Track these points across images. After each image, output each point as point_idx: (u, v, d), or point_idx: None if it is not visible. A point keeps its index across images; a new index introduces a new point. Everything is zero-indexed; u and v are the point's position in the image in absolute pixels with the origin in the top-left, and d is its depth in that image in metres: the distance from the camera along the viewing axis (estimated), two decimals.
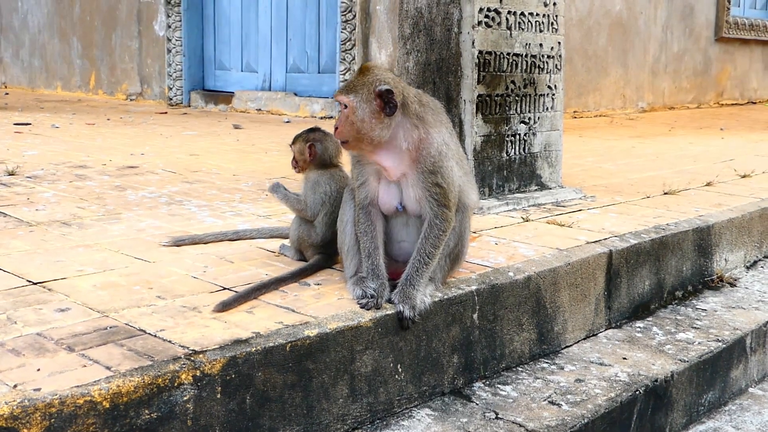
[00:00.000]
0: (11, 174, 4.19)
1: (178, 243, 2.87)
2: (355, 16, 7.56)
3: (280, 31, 8.59)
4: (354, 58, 7.58)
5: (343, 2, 7.62)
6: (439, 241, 2.33)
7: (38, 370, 1.78)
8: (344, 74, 7.62)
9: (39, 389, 1.68)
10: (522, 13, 3.82)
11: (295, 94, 8.33)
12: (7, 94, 10.62)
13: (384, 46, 7.49)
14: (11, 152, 5.09)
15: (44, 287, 2.36)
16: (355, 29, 7.57)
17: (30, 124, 6.91)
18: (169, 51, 9.26)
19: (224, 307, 2.20)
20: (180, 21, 9.15)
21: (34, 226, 3.09)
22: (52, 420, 1.65)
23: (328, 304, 2.27)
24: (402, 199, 2.37)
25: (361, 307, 2.24)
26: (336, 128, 2.30)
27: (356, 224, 2.40)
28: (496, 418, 2.29)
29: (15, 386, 1.69)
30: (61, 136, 6.08)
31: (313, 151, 2.70)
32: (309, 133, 2.75)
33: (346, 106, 2.27)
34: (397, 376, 2.28)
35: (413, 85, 3.77)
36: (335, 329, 2.12)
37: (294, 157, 2.76)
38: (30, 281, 2.41)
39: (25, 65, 11.56)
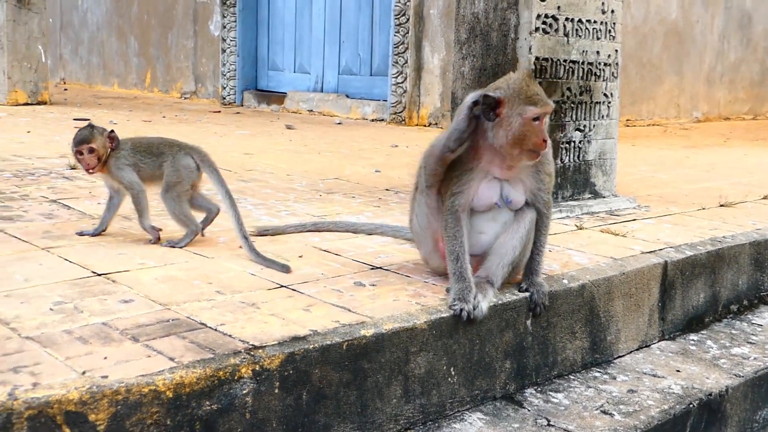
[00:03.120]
0: (73, 168, 4.29)
1: (262, 233, 3.04)
2: (408, 19, 7.59)
3: (333, 33, 8.65)
4: (406, 62, 7.61)
5: (396, 5, 7.65)
6: (548, 228, 2.56)
7: (105, 358, 1.83)
8: (396, 77, 7.65)
9: (106, 376, 1.73)
10: (579, 20, 3.82)
11: (347, 96, 8.38)
12: (66, 89, 10.84)
13: (437, 50, 7.51)
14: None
15: (108, 279, 2.42)
16: (408, 33, 7.60)
17: (89, 119, 7.04)
18: (224, 51, 9.38)
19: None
20: (235, 21, 9.26)
21: (96, 219, 3.16)
22: (119, 407, 1.70)
23: (383, 305, 2.30)
24: (505, 194, 2.47)
25: (450, 309, 2.30)
26: (545, 140, 2.37)
27: (444, 228, 2.46)
28: (548, 425, 2.29)
29: (83, 373, 1.75)
30: (119, 133, 6.18)
31: (114, 137, 2.89)
32: (95, 128, 2.89)
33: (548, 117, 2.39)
34: (450, 379, 2.30)
35: (468, 89, 3.78)
36: (391, 330, 2.15)
37: (95, 155, 2.84)
38: (94, 272, 2.47)
39: (83, 62, 11.79)
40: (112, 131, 2.89)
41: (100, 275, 2.45)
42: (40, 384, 1.68)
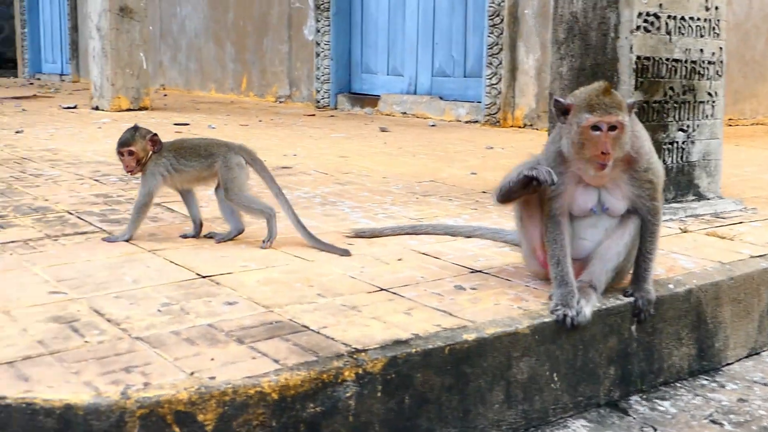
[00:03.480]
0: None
1: (359, 234, 3.06)
2: (502, 20, 7.53)
3: (427, 35, 8.65)
4: (500, 63, 7.55)
5: (490, 6, 7.60)
6: (657, 234, 2.46)
7: (212, 359, 1.86)
8: (490, 78, 7.60)
9: (214, 378, 1.76)
10: (682, 18, 3.71)
11: (441, 98, 8.37)
12: (165, 95, 11.14)
13: (532, 51, 7.43)
14: None
15: (212, 281, 2.47)
16: (502, 33, 7.54)
17: (188, 124, 7.23)
18: (318, 55, 9.49)
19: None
20: (329, 26, 9.36)
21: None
22: (226, 408, 1.73)
23: (484, 309, 2.27)
24: (602, 201, 2.42)
25: (552, 314, 2.26)
26: (605, 153, 2.29)
27: (546, 233, 2.43)
28: None
29: (192, 373, 1.78)
30: (218, 136, 6.32)
31: (157, 141, 2.93)
32: (140, 130, 2.93)
33: (614, 128, 2.29)
34: (552, 385, 2.26)
35: (566, 90, 3.72)
36: (493, 334, 2.12)
37: (135, 158, 2.91)
38: (199, 275, 2.53)
39: (181, 68, 12.10)
40: (155, 135, 2.94)
41: (204, 277, 2.50)
42: (150, 384, 1.73)
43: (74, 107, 8.83)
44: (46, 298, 2.28)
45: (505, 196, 2.46)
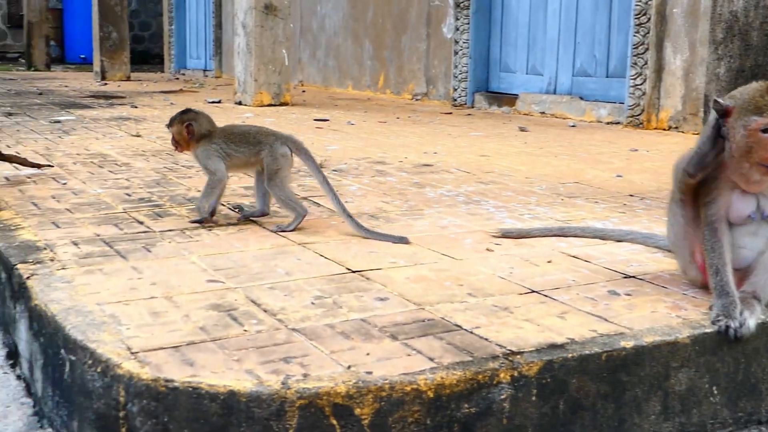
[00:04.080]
0: (320, 167, 4.46)
1: (506, 235, 3.03)
2: (649, 19, 7.30)
3: (568, 34, 8.49)
4: (646, 63, 7.32)
5: (637, 5, 7.38)
6: None
7: (367, 354, 1.87)
8: (634, 79, 7.38)
9: (370, 372, 1.77)
10: None
11: (581, 98, 8.19)
12: (303, 91, 11.37)
13: (679, 51, 7.18)
14: (315, 146, 5.44)
15: (362, 276, 2.49)
16: (648, 33, 7.31)
17: (328, 120, 7.35)
18: (456, 53, 9.46)
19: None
20: (468, 23, 9.32)
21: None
22: (382, 403, 1.73)
23: (641, 316, 2.20)
24: (761, 207, 2.31)
25: (714, 324, 2.17)
26: None
27: (704, 242, 2.34)
28: None
29: (348, 367, 1.80)
30: (357, 133, 6.40)
31: (191, 130, 3.09)
32: (183, 115, 3.13)
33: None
34: (711, 398, 2.17)
35: (723, 92, 3.57)
36: (651, 343, 2.05)
37: (174, 138, 3.16)
38: (349, 269, 2.55)
39: (320, 65, 12.32)
40: (190, 124, 3.11)
41: (354, 272, 2.53)
42: (309, 375, 1.75)
43: (218, 102, 9.12)
44: (204, 286, 2.35)
45: (700, 161, 2.32)
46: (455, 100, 9.47)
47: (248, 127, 3.23)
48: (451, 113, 8.57)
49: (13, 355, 2.49)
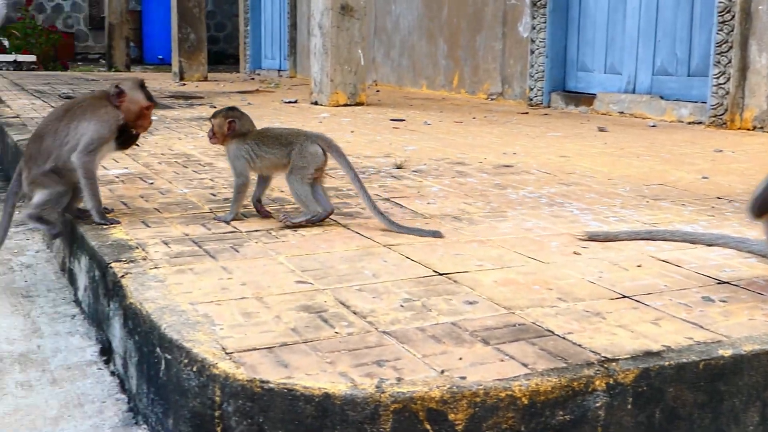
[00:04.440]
0: (399, 167, 4.48)
1: (593, 238, 2.98)
2: (733, 17, 7.11)
3: (648, 32, 8.33)
4: (729, 61, 7.14)
5: (720, 2, 7.20)
6: None
7: (460, 358, 1.86)
8: (717, 78, 7.20)
9: (464, 377, 1.76)
10: None
11: (661, 98, 8.03)
12: (378, 91, 11.40)
13: (765, 49, 6.98)
14: (393, 146, 5.45)
15: (449, 278, 2.48)
16: (732, 30, 7.12)
17: (404, 120, 7.35)
18: (532, 52, 9.37)
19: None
20: (545, 22, 9.22)
21: (428, 219, 3.27)
22: (477, 409, 1.72)
23: (738, 324, 2.14)
24: None
25: None
26: None
27: None
28: None
29: (442, 372, 1.79)
30: (434, 133, 6.39)
31: (232, 126, 3.16)
32: (229, 111, 3.21)
33: None
34: None
35: None
36: (750, 352, 2.00)
37: (212, 130, 3.22)
38: (436, 272, 2.55)
39: (394, 65, 12.33)
40: (233, 121, 3.17)
41: (441, 275, 2.52)
42: (403, 379, 1.75)
43: (295, 102, 9.21)
44: (293, 287, 2.37)
45: (763, 205, 2.30)
46: (531, 99, 9.38)
47: (282, 129, 3.28)
48: (527, 113, 8.49)
49: (106, 352, 2.55)
